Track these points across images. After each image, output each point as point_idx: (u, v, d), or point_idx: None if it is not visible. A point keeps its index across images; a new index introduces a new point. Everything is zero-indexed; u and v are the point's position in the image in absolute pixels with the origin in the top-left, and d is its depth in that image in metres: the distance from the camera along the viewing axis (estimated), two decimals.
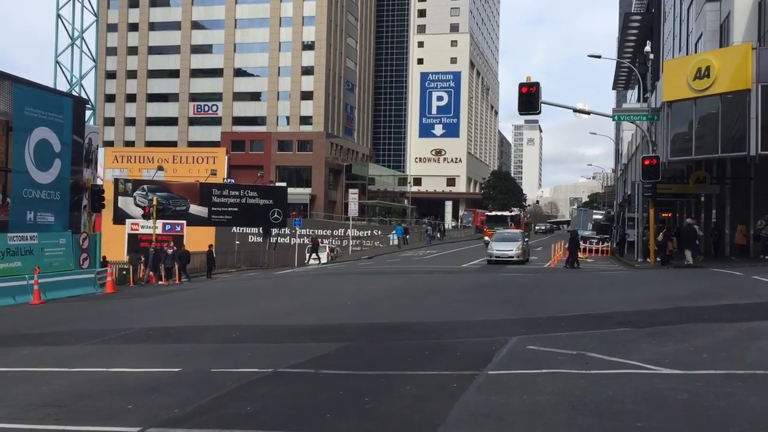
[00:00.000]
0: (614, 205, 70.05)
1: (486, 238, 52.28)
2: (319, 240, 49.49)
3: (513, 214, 60.58)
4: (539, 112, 23.80)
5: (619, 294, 16.62)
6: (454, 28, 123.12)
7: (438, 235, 68.53)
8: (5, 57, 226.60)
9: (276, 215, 44.66)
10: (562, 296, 16.62)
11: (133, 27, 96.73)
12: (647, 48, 36.71)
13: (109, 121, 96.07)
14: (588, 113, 28.91)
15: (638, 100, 46.73)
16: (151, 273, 30.54)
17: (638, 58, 55.19)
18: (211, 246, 36.20)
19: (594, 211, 73.66)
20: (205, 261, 35.57)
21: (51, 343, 12.54)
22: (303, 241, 51.35)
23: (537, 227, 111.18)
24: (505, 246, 34.06)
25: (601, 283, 20.55)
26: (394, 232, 62.56)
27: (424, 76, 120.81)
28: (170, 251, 30.99)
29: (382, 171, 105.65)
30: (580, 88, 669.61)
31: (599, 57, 37.72)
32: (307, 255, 45.94)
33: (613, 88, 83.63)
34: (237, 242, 51.46)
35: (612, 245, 44.70)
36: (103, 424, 6.66)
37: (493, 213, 63.34)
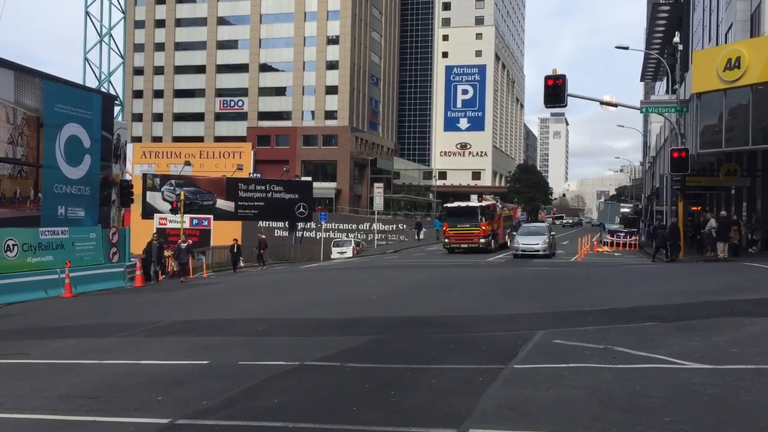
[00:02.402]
0: (642, 198, 69.31)
1: (446, 240, 39.33)
2: (266, 241, 40.48)
3: (484, 204, 40.93)
4: (565, 105, 23.63)
5: (647, 288, 16.43)
6: (479, 20, 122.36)
7: None
8: (35, 54, 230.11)
9: (302, 209, 44.92)
10: (589, 290, 16.51)
11: (160, 23, 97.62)
12: (676, 39, 36.22)
13: (137, 117, 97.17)
14: (615, 105, 28.58)
15: (667, 92, 46.16)
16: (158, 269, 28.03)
17: (667, 49, 54.44)
18: (235, 240, 36.37)
19: (621, 204, 72.84)
20: (229, 255, 35.70)
21: (82, 336, 12.76)
22: (329, 235, 51.49)
23: (564, 220, 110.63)
24: (531, 240, 33.89)
25: (628, 277, 20.35)
26: (414, 228, 62.49)
27: (449, 70, 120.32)
28: (184, 245, 28.32)
29: (407, 165, 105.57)
30: (607, 80, 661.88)
31: (627, 48, 37.25)
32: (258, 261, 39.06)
33: (641, 80, 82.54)
34: (263, 236, 51.83)
35: (640, 239, 44.23)
36: (133, 415, 6.77)
37: (455, 204, 40.86)
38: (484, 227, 37.18)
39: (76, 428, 6.50)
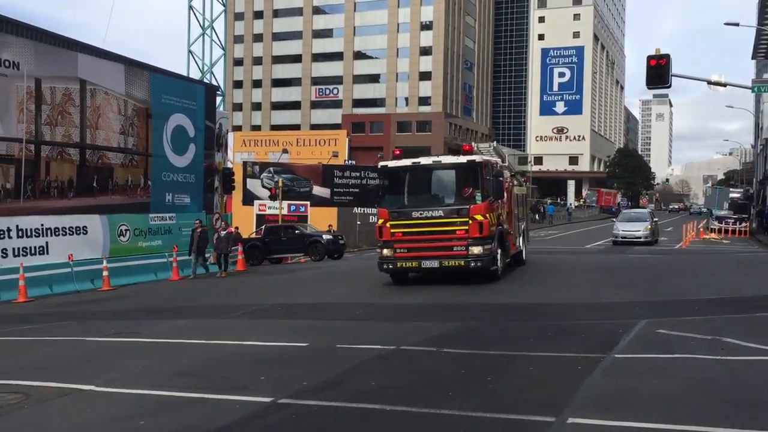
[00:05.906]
0: (753, 182, 65.59)
1: (383, 251, 15.98)
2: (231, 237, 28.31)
3: (478, 160, 15.79)
4: (669, 86, 22.56)
5: (759, 277, 15.60)
6: (577, 0, 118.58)
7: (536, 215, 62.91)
8: (141, 47, 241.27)
9: None
10: (695, 278, 15.81)
11: (259, 15, 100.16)
12: None
13: (237, 107, 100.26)
14: (724, 85, 27.08)
15: None
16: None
17: None
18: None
19: (731, 189, 69.19)
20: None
21: (190, 317, 13.39)
22: None
23: (671, 206, 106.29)
24: (632, 227, 32.79)
25: (738, 266, 19.35)
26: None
27: (545, 52, 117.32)
28: (224, 233, 23.48)
29: None
30: (714, 58, 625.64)
31: (737, 25, 35.14)
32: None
33: (752, 58, 77.72)
34: (358, 222, 52.49)
35: (751, 225, 41.97)
36: (239, 393, 7.06)
37: (408, 161, 17.25)
38: (478, 216, 15.21)
39: (187, 405, 6.84)
